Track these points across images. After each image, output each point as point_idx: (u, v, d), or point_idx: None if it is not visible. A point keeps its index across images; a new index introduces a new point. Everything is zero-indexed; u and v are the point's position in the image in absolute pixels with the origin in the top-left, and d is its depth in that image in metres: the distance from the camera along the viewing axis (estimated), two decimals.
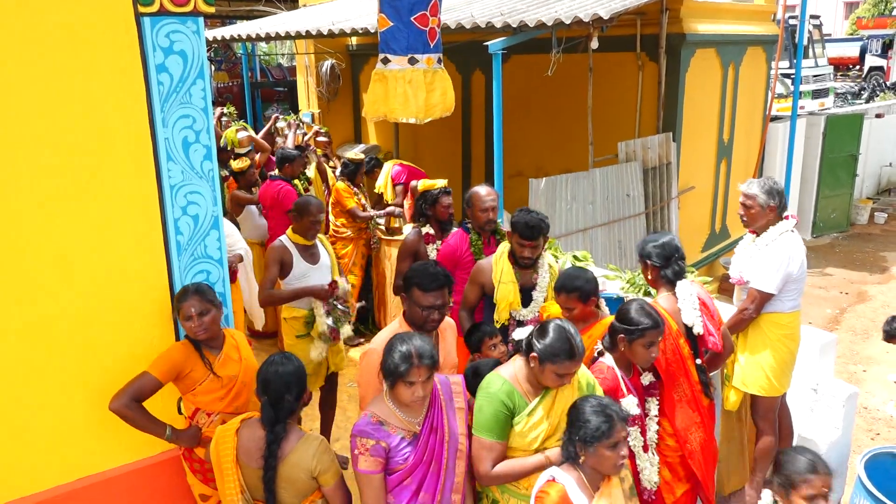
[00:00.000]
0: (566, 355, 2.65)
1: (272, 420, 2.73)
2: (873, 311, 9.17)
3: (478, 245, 4.45)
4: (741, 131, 9.47)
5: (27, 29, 2.75)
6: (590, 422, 2.53)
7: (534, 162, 8.87)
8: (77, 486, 3.13)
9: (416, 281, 3.02)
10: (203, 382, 3.11)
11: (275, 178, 6.48)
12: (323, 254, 4.62)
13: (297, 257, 4.44)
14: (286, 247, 4.45)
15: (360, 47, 10.95)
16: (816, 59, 15.11)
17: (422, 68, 4.75)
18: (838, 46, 26.18)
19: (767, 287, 3.82)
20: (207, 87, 3.20)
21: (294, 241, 4.48)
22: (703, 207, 9.07)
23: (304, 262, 4.46)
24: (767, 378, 3.89)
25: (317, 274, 4.48)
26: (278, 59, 17.70)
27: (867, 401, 6.74)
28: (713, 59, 8.50)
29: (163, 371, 3.02)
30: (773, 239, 3.86)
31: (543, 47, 6.61)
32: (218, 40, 11.13)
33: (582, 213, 7.09)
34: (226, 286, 3.43)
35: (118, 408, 2.95)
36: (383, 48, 4.75)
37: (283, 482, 2.74)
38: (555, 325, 2.72)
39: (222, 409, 3.17)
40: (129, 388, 2.97)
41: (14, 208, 2.82)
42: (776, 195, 3.86)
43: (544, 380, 2.72)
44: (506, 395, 2.75)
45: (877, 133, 13.79)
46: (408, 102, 4.72)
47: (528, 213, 3.88)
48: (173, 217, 3.19)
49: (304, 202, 4.52)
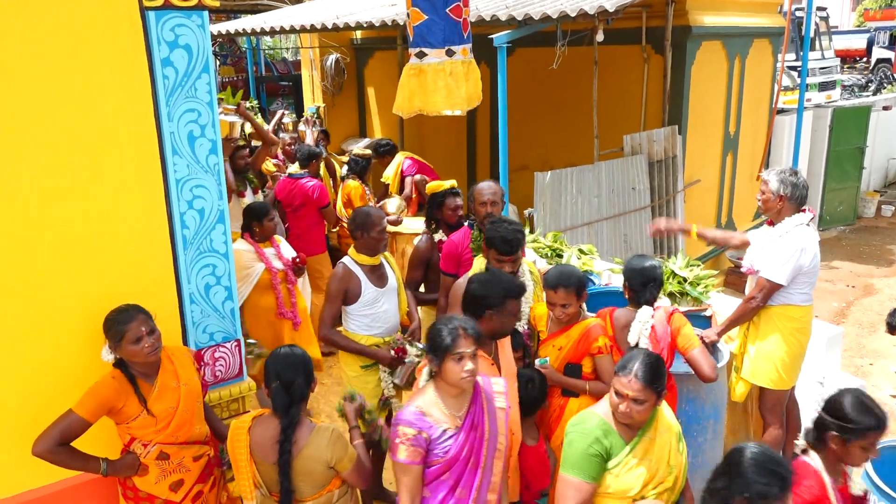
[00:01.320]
0: (622, 370, 2.62)
1: (286, 405, 2.74)
2: (880, 304, 9.13)
3: (478, 242, 4.19)
4: (747, 124, 9.43)
5: (32, 24, 2.75)
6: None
7: (539, 155, 8.85)
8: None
9: (510, 291, 3.00)
10: (137, 418, 2.89)
11: (295, 175, 6.14)
12: (390, 274, 4.04)
13: (365, 282, 3.86)
14: (352, 272, 3.85)
15: (365, 41, 10.93)
16: (823, 52, 15.04)
17: (459, 59, 4.75)
18: (845, 38, 26.00)
19: (776, 277, 3.81)
20: (213, 81, 3.20)
21: (359, 263, 3.88)
22: (709, 200, 9.03)
23: (373, 286, 3.88)
24: (777, 371, 3.88)
25: (387, 299, 3.95)
26: (283, 53, 17.68)
27: (873, 394, 6.70)
28: (719, 52, 8.46)
29: (90, 410, 2.80)
30: (787, 231, 3.84)
31: (548, 40, 6.59)
32: (223, 34, 11.13)
33: (587, 207, 7.08)
34: (232, 282, 3.44)
35: (42, 452, 2.72)
36: (418, 42, 4.72)
37: (300, 475, 2.76)
38: None
39: (162, 440, 2.95)
40: (53, 431, 2.74)
41: (19, 203, 2.82)
42: (789, 185, 3.84)
43: None
44: (602, 432, 2.60)
45: (884, 125, 13.72)
46: (451, 94, 4.71)
47: (501, 225, 3.55)
48: (179, 211, 3.19)
49: (364, 214, 3.92)
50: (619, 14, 6.09)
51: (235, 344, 3.52)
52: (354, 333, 3.91)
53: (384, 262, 4.04)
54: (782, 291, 3.85)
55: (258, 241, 4.74)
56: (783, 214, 3.88)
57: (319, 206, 6.02)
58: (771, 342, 3.90)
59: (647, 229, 7.66)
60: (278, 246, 4.87)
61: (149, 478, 2.98)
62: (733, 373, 4.12)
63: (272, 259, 4.74)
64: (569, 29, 6.49)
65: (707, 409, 3.78)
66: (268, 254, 4.74)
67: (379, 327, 3.93)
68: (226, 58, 14.33)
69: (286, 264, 4.78)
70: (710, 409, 3.79)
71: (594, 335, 3.37)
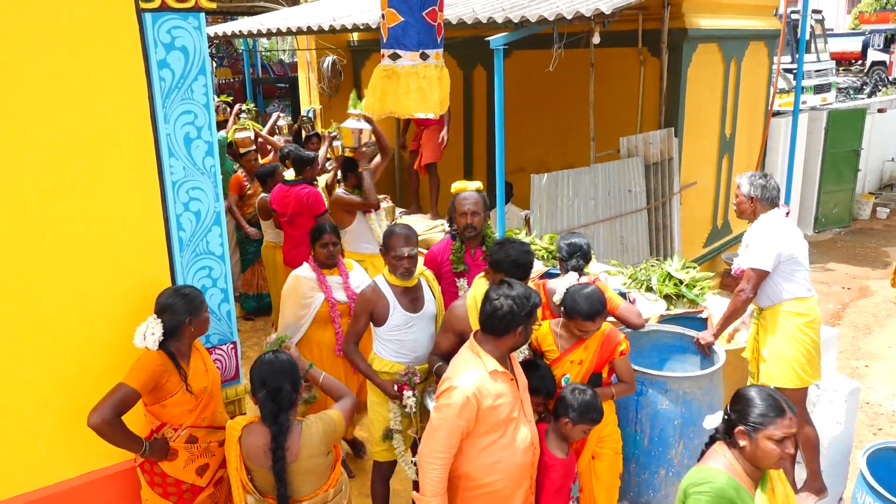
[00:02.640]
0: (776, 412, 2.35)
1: (274, 413, 2.74)
2: (875, 306, 9.16)
3: (458, 254, 4.05)
4: (743, 126, 9.45)
5: (29, 25, 2.74)
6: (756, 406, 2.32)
7: (536, 158, 8.86)
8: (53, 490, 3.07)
9: (536, 303, 2.90)
10: (175, 395, 2.96)
11: (291, 181, 5.88)
12: (428, 299, 3.72)
13: (394, 305, 3.58)
14: (380, 293, 3.59)
15: (362, 43, 10.93)
16: (818, 54, 15.09)
17: (433, 63, 4.74)
18: (840, 41, 26.10)
19: (759, 264, 3.83)
20: (209, 82, 3.20)
21: (391, 283, 3.61)
22: (705, 203, 9.05)
23: (403, 310, 3.59)
24: (793, 370, 3.86)
25: (420, 326, 3.63)
26: (280, 55, 17.66)
27: (869, 396, 6.75)
28: (715, 54, 8.48)
29: (141, 382, 2.85)
30: (762, 223, 3.94)
31: (545, 43, 6.60)
32: (219, 36, 11.12)
33: (584, 209, 7.09)
34: (227, 282, 3.44)
35: (100, 424, 2.76)
36: (392, 44, 4.73)
37: (302, 475, 2.78)
38: (753, 388, 2.44)
39: (192, 422, 3.04)
40: (108, 403, 2.79)
41: (15, 205, 2.82)
42: (758, 187, 3.96)
43: (762, 456, 2.36)
44: (734, 490, 2.35)
45: (879, 128, 13.76)
46: (424, 98, 4.69)
47: (511, 247, 3.38)
48: (175, 213, 3.19)
49: (388, 232, 3.63)
50: (615, 17, 6.10)
51: (231, 346, 3.52)
52: (381, 357, 3.67)
53: (424, 284, 3.73)
54: (780, 287, 3.86)
55: (322, 264, 4.25)
56: (757, 214, 3.99)
57: (315, 213, 5.66)
58: (781, 342, 3.88)
59: (643, 231, 7.69)
60: (347, 274, 4.32)
61: (177, 462, 3.04)
62: (749, 379, 4.11)
63: (335, 289, 4.21)
64: (565, 31, 6.50)
65: (704, 411, 3.78)
66: (331, 283, 4.22)
67: (407, 355, 3.63)
68: (222, 59, 14.32)
69: (352, 297, 4.18)
70: (706, 410, 3.79)
71: (615, 339, 3.39)
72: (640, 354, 3.92)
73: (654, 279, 4.95)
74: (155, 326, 2.90)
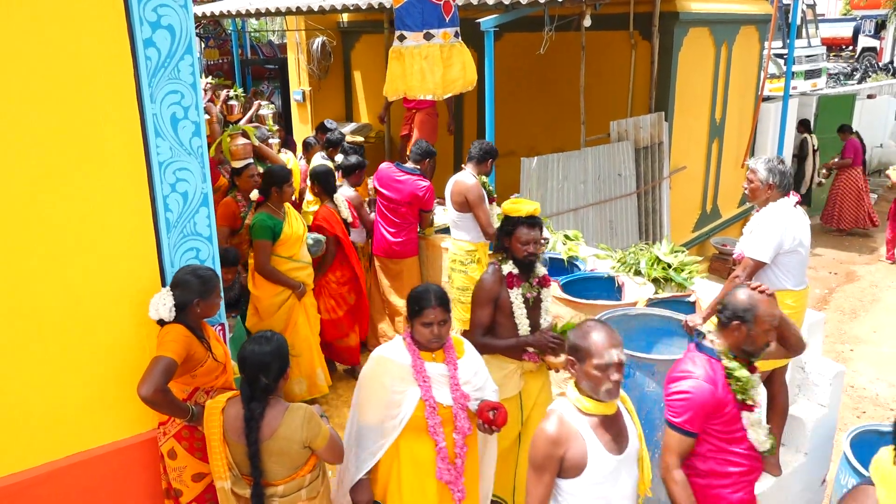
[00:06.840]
0: None
1: (248, 397, 2.77)
2: (861, 290, 9.24)
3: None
4: (733, 111, 9.46)
5: (12, 2, 2.70)
6: None
7: (526, 141, 8.84)
8: (61, 464, 3.11)
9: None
10: (205, 363, 3.11)
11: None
12: (629, 425, 2.83)
13: (594, 445, 2.59)
14: (569, 427, 2.58)
15: (352, 24, 10.84)
16: (809, 40, 15.09)
17: (438, 43, 4.71)
18: (831, 27, 26.14)
19: (757, 255, 3.84)
20: (196, 62, 3.16)
21: (585, 412, 2.70)
22: (694, 187, 9.07)
23: (607, 451, 2.58)
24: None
25: (628, 469, 2.71)
26: (269, 36, 17.47)
27: (854, 379, 6.82)
28: (706, 39, 8.46)
29: (177, 352, 2.94)
30: (771, 212, 3.90)
31: (536, 25, 6.56)
32: (207, 16, 11.00)
33: (573, 193, 7.09)
34: (215, 264, 3.42)
35: (153, 393, 2.81)
36: (399, 25, 4.71)
37: (274, 456, 2.77)
38: None
39: (221, 384, 3.24)
40: (155, 373, 2.84)
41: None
42: (777, 174, 3.91)
43: None
44: None
45: (868, 114, 13.80)
46: (425, 79, 4.67)
47: None
48: (162, 194, 3.16)
49: (582, 330, 2.68)
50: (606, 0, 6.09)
51: (220, 328, 3.51)
52: None
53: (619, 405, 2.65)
54: (775, 277, 3.88)
55: (423, 346, 2.95)
56: (770, 202, 3.94)
57: (425, 209, 5.41)
58: None
59: (633, 215, 7.70)
60: (456, 361, 2.97)
61: None
62: None
63: (439, 382, 2.90)
64: (556, 14, 6.47)
65: None
66: (432, 372, 2.90)
67: None
68: (209, 40, 14.16)
69: (461, 399, 2.92)
70: None
71: None
72: (628, 338, 3.92)
73: (642, 263, 4.95)
74: (166, 297, 2.99)
